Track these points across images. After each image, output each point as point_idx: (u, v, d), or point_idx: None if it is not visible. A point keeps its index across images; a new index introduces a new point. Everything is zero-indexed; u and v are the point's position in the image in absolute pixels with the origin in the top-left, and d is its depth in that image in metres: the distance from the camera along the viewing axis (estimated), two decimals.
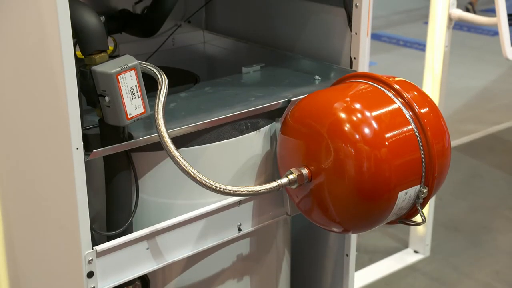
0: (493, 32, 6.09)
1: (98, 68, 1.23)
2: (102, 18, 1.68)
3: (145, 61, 1.40)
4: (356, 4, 1.63)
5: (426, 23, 2.73)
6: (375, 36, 6.20)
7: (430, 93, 2.75)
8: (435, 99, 2.75)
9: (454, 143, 3.78)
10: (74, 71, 1.19)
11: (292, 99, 1.57)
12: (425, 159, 1.37)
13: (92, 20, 1.25)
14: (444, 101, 2.79)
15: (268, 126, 1.57)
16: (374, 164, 1.32)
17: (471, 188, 3.43)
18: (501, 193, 3.37)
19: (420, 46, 5.80)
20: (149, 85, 1.33)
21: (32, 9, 1.21)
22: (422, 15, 6.78)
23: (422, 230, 2.90)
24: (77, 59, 1.22)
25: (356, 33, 1.66)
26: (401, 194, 1.36)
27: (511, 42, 2.24)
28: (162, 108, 1.29)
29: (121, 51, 1.92)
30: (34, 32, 1.23)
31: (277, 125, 1.56)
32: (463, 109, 4.45)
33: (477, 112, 4.41)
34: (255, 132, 1.54)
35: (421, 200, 1.40)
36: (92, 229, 1.30)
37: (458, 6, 2.60)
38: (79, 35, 1.25)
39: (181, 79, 1.79)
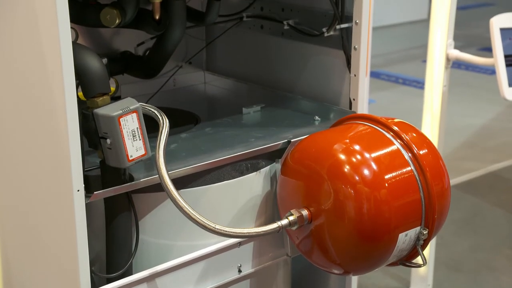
0: (491, 71, 6.14)
1: (100, 110, 1.25)
2: (105, 60, 1.71)
3: (146, 102, 1.42)
4: (354, 46, 1.66)
5: (424, 61, 2.76)
6: (374, 74, 6.26)
7: (429, 131, 2.76)
8: (435, 138, 2.76)
9: (454, 181, 3.78)
10: (76, 114, 1.20)
11: (292, 140, 1.58)
12: (425, 200, 1.37)
13: (94, 63, 1.27)
14: (444, 139, 2.80)
15: (268, 167, 1.57)
16: (374, 205, 1.33)
17: (472, 227, 3.41)
18: (502, 232, 3.36)
19: (419, 84, 5.85)
20: (151, 126, 1.35)
21: (36, 52, 1.23)
22: (420, 54, 6.85)
23: (423, 270, 2.88)
24: (79, 101, 1.24)
25: (355, 75, 1.68)
26: (401, 236, 1.36)
27: (508, 82, 2.26)
28: (163, 150, 1.31)
29: (123, 92, 1.95)
30: (37, 74, 1.24)
31: (277, 166, 1.57)
32: (463, 147, 4.46)
33: (477, 150, 4.42)
34: (255, 173, 1.55)
35: (421, 242, 1.40)
36: (91, 271, 1.29)
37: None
38: (82, 78, 1.27)
39: (182, 119, 1.81)
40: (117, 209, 1.37)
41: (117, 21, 1.60)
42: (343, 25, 1.68)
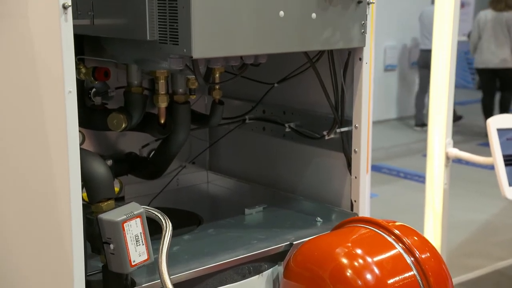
0: (492, 166, 6.17)
1: (105, 216, 1.26)
2: (110, 162, 1.75)
3: (150, 203, 1.44)
4: (355, 149, 1.70)
5: (425, 155, 2.80)
6: (375, 168, 6.31)
7: (432, 229, 2.76)
8: (437, 235, 2.75)
9: (459, 279, 3.72)
10: (81, 220, 1.22)
11: (294, 242, 1.58)
12: None
13: (100, 169, 1.30)
14: (447, 236, 2.78)
15: (271, 269, 1.57)
16: None
17: None
18: None
19: (420, 178, 5.87)
20: (153, 229, 1.36)
21: (43, 158, 1.26)
22: (420, 148, 6.92)
23: None
24: (84, 206, 1.26)
25: (355, 177, 1.71)
26: None
27: (508, 182, 2.28)
28: (166, 255, 1.31)
29: (127, 192, 1.97)
30: (43, 181, 1.27)
31: (279, 269, 1.57)
32: (467, 243, 4.42)
33: (481, 246, 4.38)
34: (257, 276, 1.54)
35: None
36: None
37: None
38: (88, 183, 1.29)
39: (184, 220, 1.82)
40: None
41: (123, 125, 1.66)
42: (343, 129, 1.72)
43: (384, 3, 6.84)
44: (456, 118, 6.93)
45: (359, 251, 1.39)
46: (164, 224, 1.37)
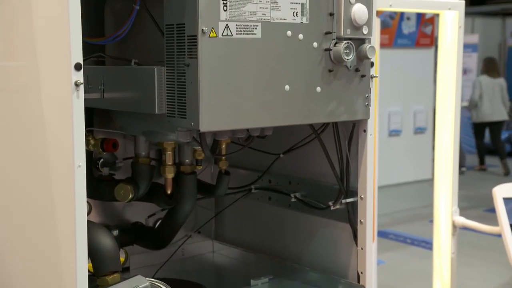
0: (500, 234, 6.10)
1: None
2: (116, 232, 1.75)
3: (155, 274, 1.43)
4: (360, 220, 1.70)
5: (431, 221, 2.77)
6: (381, 234, 6.25)
7: None
8: None
9: None
10: None
11: None
12: None
13: (106, 242, 1.30)
14: None
15: None
16: None
17: None
18: None
19: (428, 244, 5.81)
20: None
21: (51, 230, 1.26)
22: (427, 214, 6.88)
23: None
24: (90, 278, 1.25)
25: (362, 248, 1.70)
26: None
27: None
28: None
29: (132, 262, 1.96)
30: (49, 252, 1.27)
31: None
32: None
33: None
34: None
35: None
36: None
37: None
38: (94, 256, 1.29)
39: None
40: None
41: (130, 196, 1.67)
42: (348, 200, 1.72)
43: (387, 69, 6.96)
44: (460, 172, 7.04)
45: None
46: None
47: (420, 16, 7.70)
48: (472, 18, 10.17)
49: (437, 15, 2.56)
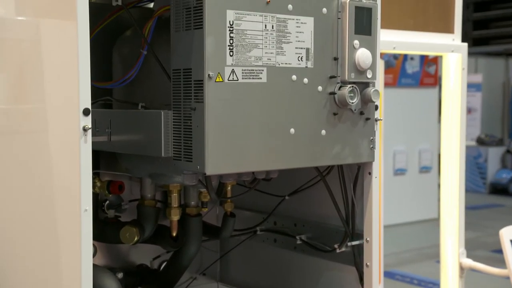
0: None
1: None
2: (120, 275, 1.74)
3: None
4: (366, 263, 1.68)
5: (438, 262, 2.74)
6: (388, 274, 6.17)
7: None
8: None
9: None
10: None
11: None
12: None
13: (112, 287, 1.29)
14: None
15: None
16: None
17: None
18: None
19: (435, 286, 5.74)
20: None
21: (56, 275, 1.26)
22: (433, 254, 6.83)
23: None
24: None
25: None
26: None
27: None
28: None
29: None
30: None
31: None
32: None
33: None
34: None
35: None
36: None
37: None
38: None
39: None
40: None
41: (136, 238, 1.66)
42: (354, 242, 1.72)
43: (391, 108, 7.00)
44: None
45: None
46: None
47: (423, 56, 7.78)
48: (475, 58, 10.27)
49: (441, 56, 2.59)
